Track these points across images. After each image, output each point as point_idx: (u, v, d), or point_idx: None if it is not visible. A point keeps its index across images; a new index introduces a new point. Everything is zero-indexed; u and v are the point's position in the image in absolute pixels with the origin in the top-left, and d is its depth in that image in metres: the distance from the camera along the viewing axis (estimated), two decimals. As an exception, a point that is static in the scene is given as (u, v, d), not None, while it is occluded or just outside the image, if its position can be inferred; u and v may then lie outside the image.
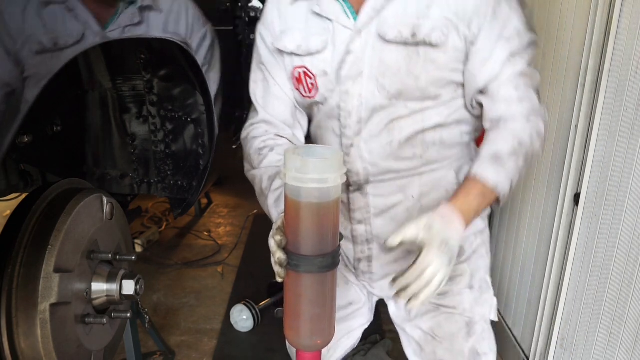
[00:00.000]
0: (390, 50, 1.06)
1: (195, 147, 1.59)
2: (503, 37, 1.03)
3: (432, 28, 1.03)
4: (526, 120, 1.05)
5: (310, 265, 0.86)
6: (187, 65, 1.38)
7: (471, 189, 1.02)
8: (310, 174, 0.81)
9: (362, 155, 1.15)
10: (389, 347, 1.95)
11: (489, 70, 1.05)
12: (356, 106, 1.11)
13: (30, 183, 1.40)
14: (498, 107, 1.06)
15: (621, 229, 1.21)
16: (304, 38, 1.12)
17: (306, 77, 1.15)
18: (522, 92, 1.05)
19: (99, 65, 1.45)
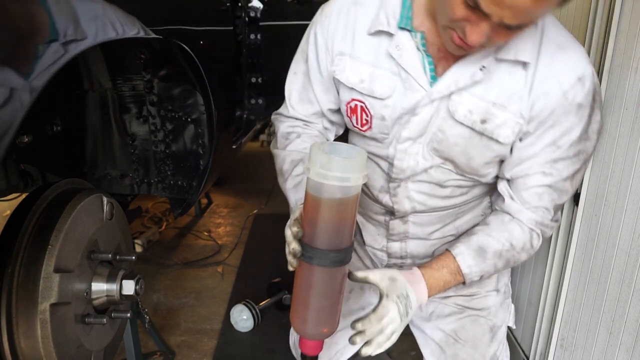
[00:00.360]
0: (454, 125, 1.02)
1: (195, 147, 1.59)
2: (554, 144, 0.99)
3: (502, 123, 0.98)
4: (528, 230, 1.06)
5: (324, 259, 0.88)
6: (187, 65, 1.38)
7: (444, 266, 1.04)
8: (333, 171, 0.82)
9: (409, 195, 1.16)
10: (389, 348, 1.95)
11: (524, 169, 1.03)
12: (411, 165, 1.10)
13: (30, 183, 1.40)
14: (513, 203, 1.06)
15: (621, 229, 1.21)
16: (369, 75, 1.04)
17: (363, 112, 1.09)
18: (541, 203, 1.04)
19: (99, 65, 1.45)
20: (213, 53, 1.70)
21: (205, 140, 1.58)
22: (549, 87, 0.95)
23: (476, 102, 0.98)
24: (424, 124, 1.03)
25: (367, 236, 1.33)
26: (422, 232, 1.24)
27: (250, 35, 2.81)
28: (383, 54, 1.02)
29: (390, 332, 0.96)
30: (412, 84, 1.01)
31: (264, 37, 2.79)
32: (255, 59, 2.85)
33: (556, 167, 1.01)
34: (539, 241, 1.09)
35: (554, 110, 0.96)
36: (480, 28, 0.82)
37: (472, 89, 0.98)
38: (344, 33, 1.06)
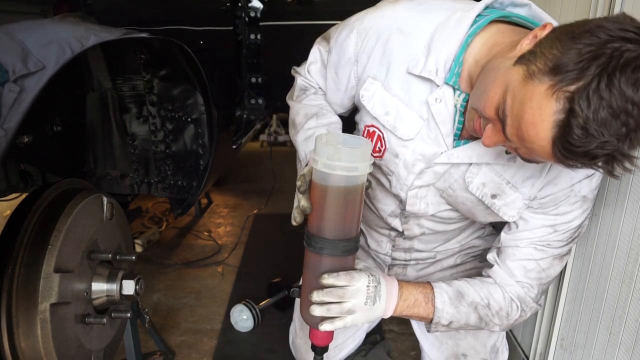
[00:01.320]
0: (465, 192, 1.03)
1: (195, 147, 1.59)
2: (553, 227, 1.01)
3: (511, 202, 1.00)
4: (509, 298, 1.05)
5: (335, 249, 0.89)
6: (187, 65, 1.38)
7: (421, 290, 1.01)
8: (342, 161, 0.82)
9: (420, 223, 1.18)
10: (389, 348, 1.95)
11: (517, 240, 1.04)
12: (422, 209, 1.11)
13: (30, 183, 1.40)
14: (500, 272, 1.07)
15: (621, 229, 1.21)
16: (397, 111, 1.00)
17: (379, 140, 1.06)
18: (526, 279, 1.05)
19: (99, 66, 1.45)
20: (213, 53, 1.70)
21: (205, 140, 1.58)
22: (560, 178, 0.96)
23: (492, 177, 0.99)
24: (437, 177, 1.04)
25: (372, 242, 1.36)
26: (426, 247, 1.27)
27: (250, 35, 2.82)
28: (416, 96, 0.98)
29: (348, 308, 0.90)
30: (437, 137, 0.99)
31: (264, 37, 2.79)
32: (255, 59, 2.85)
33: (549, 247, 1.03)
34: (516, 314, 1.06)
35: (558, 198, 0.98)
36: (498, 138, 0.82)
37: (493, 167, 0.99)
38: (380, 59, 1.01)
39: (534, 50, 0.74)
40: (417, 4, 0.99)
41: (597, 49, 0.66)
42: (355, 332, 1.50)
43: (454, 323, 1.03)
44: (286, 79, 1.38)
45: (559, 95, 0.68)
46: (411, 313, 1.00)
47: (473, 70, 0.92)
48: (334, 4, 2.66)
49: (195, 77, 1.42)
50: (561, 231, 1.01)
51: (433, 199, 1.09)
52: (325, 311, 0.90)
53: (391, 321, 2.15)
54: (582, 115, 0.66)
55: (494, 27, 0.92)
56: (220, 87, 1.65)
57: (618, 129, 0.66)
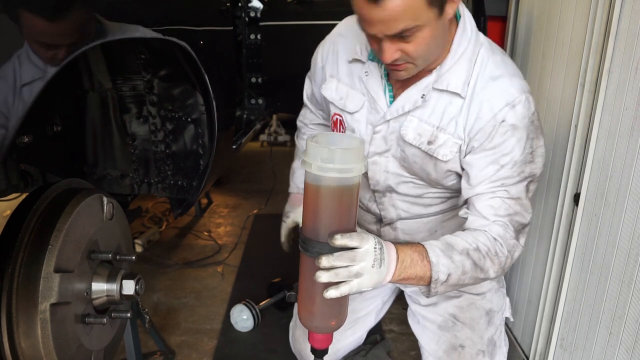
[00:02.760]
0: (408, 146, 1.19)
1: (195, 147, 1.59)
2: (497, 163, 1.09)
3: (443, 143, 1.14)
4: (492, 238, 1.09)
5: (326, 251, 0.87)
6: (187, 65, 1.38)
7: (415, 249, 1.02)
8: (337, 163, 0.81)
9: (394, 204, 1.32)
10: (389, 348, 1.95)
11: (475, 190, 1.12)
12: (383, 178, 1.27)
13: (30, 183, 1.40)
14: (474, 219, 1.12)
15: (621, 229, 1.21)
16: (346, 94, 1.26)
17: (340, 125, 1.30)
18: (498, 217, 1.10)
19: (99, 65, 1.45)
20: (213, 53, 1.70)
21: (205, 140, 1.57)
22: (481, 111, 1.09)
23: (424, 126, 1.15)
24: (383, 140, 1.22)
25: None
26: (411, 239, 1.34)
27: (250, 35, 2.82)
28: (356, 77, 1.24)
29: (357, 271, 0.89)
30: (375, 105, 1.21)
31: (264, 37, 2.79)
32: (255, 59, 2.85)
33: (504, 185, 1.10)
34: (503, 251, 1.08)
35: (488, 131, 1.08)
36: (384, 47, 1.00)
37: (420, 115, 1.15)
38: (332, 59, 1.30)
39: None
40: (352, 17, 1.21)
41: None
42: (354, 325, 1.51)
43: (452, 276, 1.02)
44: (286, 79, 1.42)
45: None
46: (409, 274, 1.00)
47: None
48: (334, 4, 2.66)
49: (195, 77, 1.42)
50: (507, 165, 1.08)
51: (393, 168, 1.24)
52: (333, 276, 0.88)
53: (391, 321, 2.15)
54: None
55: None
56: (221, 87, 1.65)
57: None
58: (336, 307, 0.95)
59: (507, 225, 1.10)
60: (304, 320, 0.96)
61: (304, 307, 0.95)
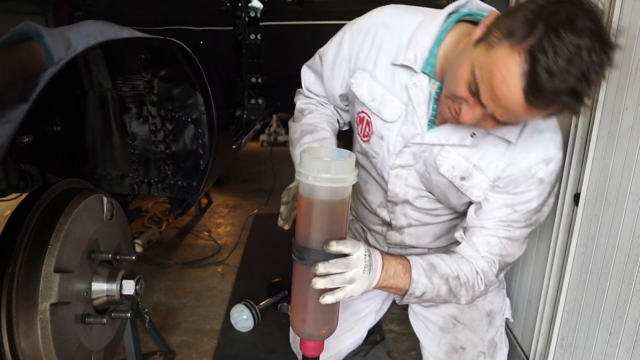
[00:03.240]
0: (438, 174, 1.15)
1: (195, 147, 1.59)
2: (512, 207, 1.10)
3: (477, 184, 1.11)
4: (475, 273, 1.12)
5: (320, 259, 0.89)
6: (187, 65, 1.38)
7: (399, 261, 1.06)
8: (331, 174, 0.86)
9: (405, 213, 1.29)
10: (389, 348, 1.95)
11: (481, 221, 1.13)
12: (403, 191, 1.23)
13: (30, 183, 1.40)
14: (467, 247, 1.14)
15: (621, 229, 1.21)
16: (381, 97, 1.15)
17: (367, 125, 1.21)
18: (490, 255, 1.13)
19: (99, 65, 1.45)
20: (213, 53, 1.70)
21: (205, 140, 1.57)
22: (518, 158, 1.08)
23: (461, 161, 1.11)
24: (415, 158, 1.16)
25: (370, 239, 1.44)
26: (416, 242, 1.34)
27: (250, 35, 2.82)
28: (398, 83, 1.13)
29: (350, 277, 0.92)
30: (414, 120, 1.12)
31: (264, 37, 2.79)
32: (255, 59, 2.85)
33: (510, 227, 1.12)
34: (480, 286, 1.13)
35: (517, 179, 1.08)
36: (474, 112, 0.94)
37: (459, 149, 1.11)
38: (368, 52, 1.16)
39: (488, 29, 0.90)
40: (401, 7, 1.17)
41: (538, 11, 0.82)
42: (354, 326, 1.51)
43: (426, 294, 1.08)
44: (286, 79, 1.40)
45: (519, 50, 0.82)
46: (390, 283, 1.04)
47: (443, 64, 1.07)
48: (334, 4, 2.66)
49: (195, 77, 1.42)
50: (520, 211, 1.10)
51: (413, 182, 1.20)
52: (329, 282, 0.91)
53: (391, 321, 2.15)
54: (544, 60, 0.79)
55: (459, 27, 1.09)
56: (220, 87, 1.65)
57: (575, 69, 0.79)
58: (329, 314, 0.98)
59: (494, 263, 1.13)
60: (297, 329, 0.99)
61: (297, 315, 0.98)
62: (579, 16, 0.80)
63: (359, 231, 1.48)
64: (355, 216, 1.47)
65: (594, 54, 0.80)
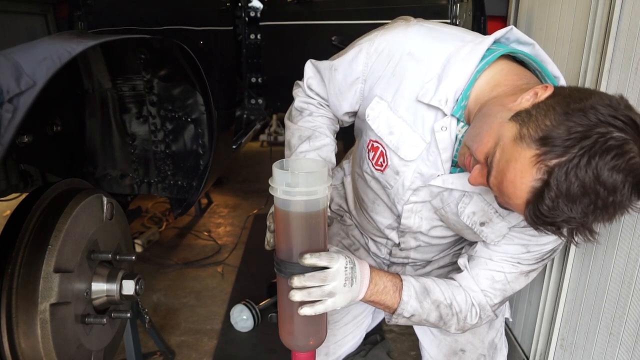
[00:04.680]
0: (456, 217, 1.08)
1: (195, 147, 1.59)
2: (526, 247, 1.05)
3: (497, 230, 1.04)
4: (470, 305, 1.09)
5: (296, 272, 0.89)
6: (187, 65, 1.38)
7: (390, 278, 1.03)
8: (299, 186, 0.84)
9: (416, 237, 1.22)
10: (389, 348, 1.95)
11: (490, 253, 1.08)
12: (417, 225, 1.15)
13: (30, 183, 1.40)
14: (468, 277, 1.10)
15: (621, 228, 1.21)
16: (401, 132, 1.03)
17: (381, 156, 1.09)
18: (491, 290, 1.09)
19: (99, 66, 1.45)
20: (213, 53, 1.70)
21: (205, 140, 1.57)
22: None
23: (482, 206, 1.03)
24: (432, 196, 1.08)
25: (372, 246, 1.39)
26: (422, 257, 1.30)
27: (250, 35, 2.82)
28: (423, 121, 1.01)
29: (329, 290, 0.90)
30: (437, 161, 1.02)
31: (264, 37, 2.79)
32: (255, 59, 2.85)
33: (519, 264, 1.07)
34: (474, 319, 1.09)
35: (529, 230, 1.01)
36: (482, 180, 0.87)
37: (483, 196, 1.03)
38: (388, 81, 1.03)
39: (530, 111, 0.79)
40: (428, 29, 1.02)
41: (586, 131, 0.71)
42: (354, 330, 1.51)
43: (415, 317, 1.05)
44: (286, 79, 1.38)
45: (540, 166, 0.74)
46: (378, 299, 1.01)
47: (472, 107, 0.96)
48: (334, 4, 2.66)
49: (195, 77, 1.42)
50: (534, 252, 1.05)
51: (427, 215, 1.13)
52: (306, 295, 0.90)
53: (391, 321, 2.16)
54: (555, 190, 0.72)
55: (500, 64, 0.96)
56: (220, 87, 1.65)
57: (585, 206, 0.72)
58: (314, 326, 0.98)
59: (494, 297, 1.09)
60: (285, 340, 0.99)
61: (283, 327, 0.98)
62: (629, 148, 0.70)
63: (358, 239, 1.42)
64: (357, 225, 1.42)
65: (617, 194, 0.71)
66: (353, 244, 1.43)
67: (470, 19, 2.21)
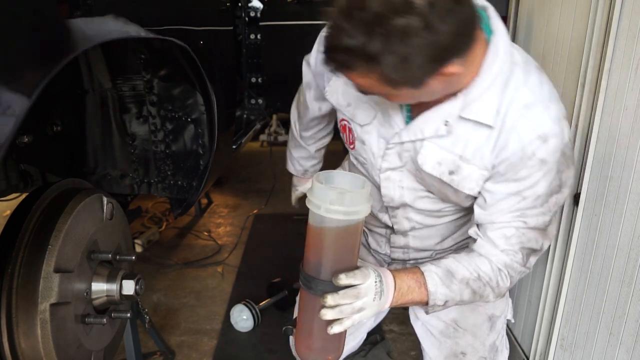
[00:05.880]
0: (426, 175, 1.07)
1: (195, 147, 1.59)
2: (519, 194, 1.00)
3: (468, 175, 1.02)
4: (497, 269, 1.05)
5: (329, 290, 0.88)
6: (187, 65, 1.38)
7: (412, 276, 1.01)
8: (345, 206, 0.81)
9: (408, 217, 1.22)
10: (389, 348, 1.95)
11: (491, 215, 1.04)
12: (398, 194, 1.16)
13: (30, 183, 1.40)
14: (484, 244, 1.06)
15: (621, 229, 1.21)
16: (355, 101, 1.12)
17: (350, 132, 1.17)
18: (509, 246, 1.05)
19: (99, 65, 1.45)
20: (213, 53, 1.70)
21: (205, 140, 1.57)
22: (509, 141, 0.97)
23: (445, 154, 1.03)
24: (397, 156, 1.10)
25: (372, 242, 1.39)
26: (422, 245, 1.29)
27: (250, 35, 2.82)
28: None
29: (360, 306, 0.90)
30: (389, 119, 1.08)
31: (264, 37, 2.79)
32: (255, 59, 2.85)
33: (524, 216, 1.02)
34: (506, 281, 1.06)
35: (514, 163, 0.97)
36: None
37: (440, 142, 1.03)
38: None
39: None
40: None
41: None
42: (355, 331, 1.51)
43: (450, 302, 1.03)
44: (286, 79, 1.39)
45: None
46: (406, 300, 1.00)
47: None
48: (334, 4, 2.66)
49: (195, 77, 1.42)
50: (529, 198, 1.00)
51: (409, 184, 1.13)
52: (338, 313, 0.88)
53: (391, 321, 2.15)
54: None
55: None
56: (221, 87, 1.65)
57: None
58: (335, 342, 0.97)
59: (517, 253, 1.05)
60: (302, 355, 0.97)
61: (302, 343, 0.96)
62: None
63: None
64: None
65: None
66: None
67: (470, 19, 2.21)
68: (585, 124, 1.35)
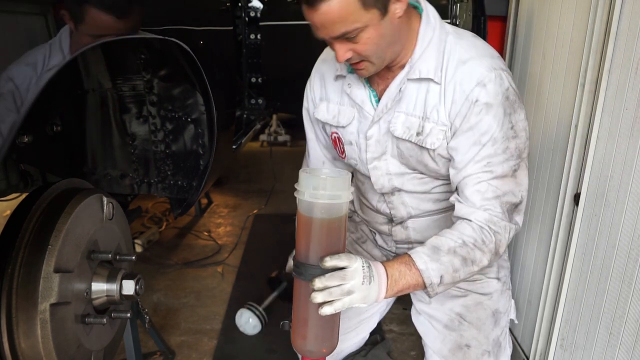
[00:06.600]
0: (401, 142, 1.19)
1: (195, 147, 1.59)
2: (478, 143, 1.10)
3: (429, 132, 1.15)
4: (478, 227, 1.09)
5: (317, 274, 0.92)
6: (187, 65, 1.38)
7: (401, 262, 1.05)
8: (327, 190, 0.90)
9: (403, 202, 1.32)
10: (389, 348, 1.95)
11: (463, 174, 1.12)
12: (387, 180, 1.27)
13: (30, 183, 1.40)
14: (462, 207, 1.12)
15: (621, 229, 1.21)
16: (338, 111, 1.29)
17: (339, 142, 1.32)
18: (485, 202, 1.10)
19: (99, 65, 1.45)
20: (213, 53, 1.70)
21: (205, 140, 1.57)
22: (455, 94, 1.11)
23: (410, 119, 1.16)
24: (377, 143, 1.23)
25: (379, 239, 1.46)
26: (422, 238, 1.30)
27: (250, 35, 2.81)
28: (343, 93, 1.26)
29: (348, 289, 0.94)
30: (363, 112, 1.23)
31: (264, 37, 2.79)
32: (255, 59, 2.85)
33: (490, 165, 1.09)
34: (490, 238, 1.09)
35: (463, 113, 1.09)
36: (335, 49, 1.05)
37: (406, 109, 1.16)
38: (320, 84, 1.32)
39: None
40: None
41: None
42: (358, 326, 1.52)
43: (445, 277, 1.05)
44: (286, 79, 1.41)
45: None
46: (401, 286, 1.03)
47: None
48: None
49: (195, 77, 1.42)
50: (487, 144, 1.09)
51: (395, 168, 1.25)
52: (327, 295, 0.93)
53: (391, 321, 2.15)
54: None
55: None
56: (221, 87, 1.65)
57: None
58: (328, 330, 1.00)
59: (495, 207, 1.10)
60: (298, 345, 1.02)
61: (298, 332, 1.00)
62: None
63: (367, 233, 1.51)
64: (364, 220, 1.49)
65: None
66: (361, 237, 1.51)
67: (470, 19, 2.21)
68: (585, 124, 1.35)
